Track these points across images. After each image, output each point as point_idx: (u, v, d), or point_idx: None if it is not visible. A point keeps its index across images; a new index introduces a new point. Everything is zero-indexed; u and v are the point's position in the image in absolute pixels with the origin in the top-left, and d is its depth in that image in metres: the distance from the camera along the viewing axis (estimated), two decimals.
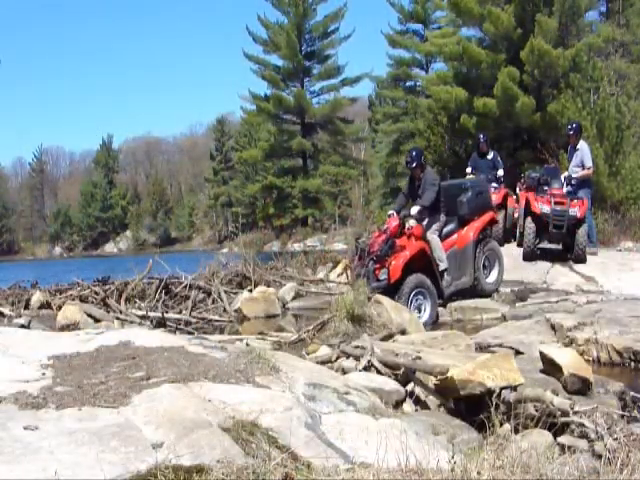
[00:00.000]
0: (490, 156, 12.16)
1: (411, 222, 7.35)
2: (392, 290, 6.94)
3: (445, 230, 7.84)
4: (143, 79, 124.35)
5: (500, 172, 12.06)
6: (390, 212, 7.77)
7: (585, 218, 9.77)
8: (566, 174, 10.33)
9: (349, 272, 8.51)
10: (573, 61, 16.28)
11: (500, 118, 17.44)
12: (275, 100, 33.93)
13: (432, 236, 7.51)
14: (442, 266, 7.48)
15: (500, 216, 11.64)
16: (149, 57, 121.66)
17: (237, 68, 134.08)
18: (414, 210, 7.48)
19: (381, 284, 6.96)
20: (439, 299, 7.46)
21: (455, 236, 7.94)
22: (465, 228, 8.06)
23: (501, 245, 11.38)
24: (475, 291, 8.11)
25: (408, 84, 35.85)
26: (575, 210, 9.59)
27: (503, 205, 12.06)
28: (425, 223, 7.56)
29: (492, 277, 8.40)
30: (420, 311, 7.13)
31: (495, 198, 11.56)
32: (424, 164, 7.92)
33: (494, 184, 11.76)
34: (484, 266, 8.29)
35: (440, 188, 7.70)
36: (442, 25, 30.35)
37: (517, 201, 13.35)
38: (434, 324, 7.08)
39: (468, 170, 12.10)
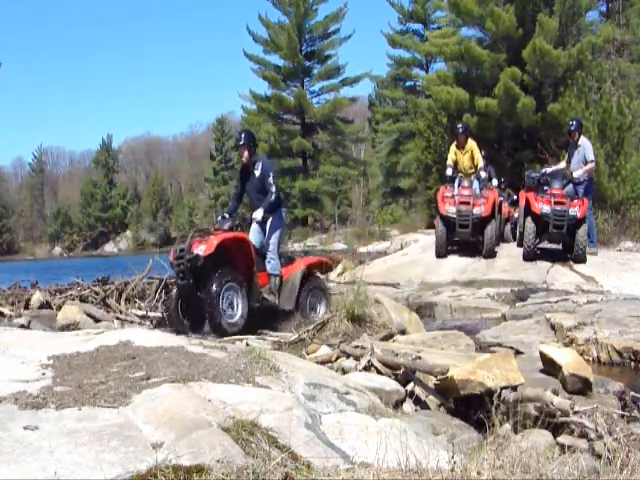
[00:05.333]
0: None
1: None
2: None
3: None
4: (143, 79, 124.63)
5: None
6: None
7: (585, 218, 9.75)
8: (559, 167, 10.33)
9: None
10: (577, 59, 16.27)
11: (501, 118, 17.45)
12: (275, 100, 33.93)
13: None
14: None
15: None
16: (149, 57, 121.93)
17: (237, 68, 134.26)
18: None
19: None
20: None
21: None
22: None
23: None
24: None
25: (408, 84, 35.94)
26: (575, 210, 9.58)
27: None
28: None
29: None
30: None
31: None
32: None
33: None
34: None
35: None
36: (442, 25, 30.46)
37: (512, 204, 13.54)
38: None
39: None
